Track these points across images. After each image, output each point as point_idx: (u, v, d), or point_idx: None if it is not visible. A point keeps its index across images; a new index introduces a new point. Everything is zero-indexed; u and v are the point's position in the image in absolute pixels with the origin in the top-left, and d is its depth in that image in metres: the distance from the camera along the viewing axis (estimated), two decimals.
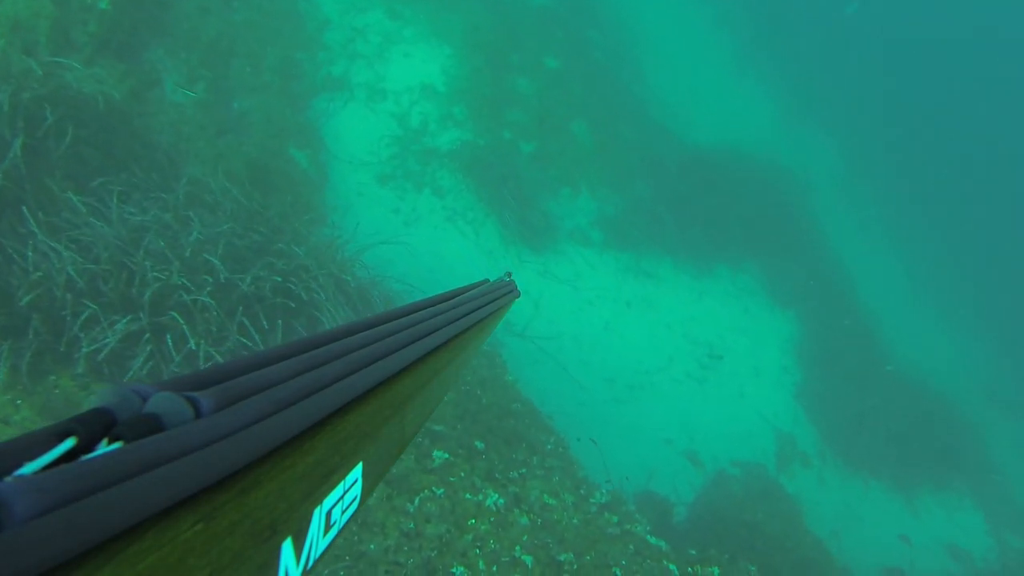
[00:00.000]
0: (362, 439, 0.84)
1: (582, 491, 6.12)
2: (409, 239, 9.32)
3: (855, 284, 14.44)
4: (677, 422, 10.10)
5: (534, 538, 5.13)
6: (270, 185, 8.27)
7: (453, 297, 1.46)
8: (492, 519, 5.14)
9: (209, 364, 3.61)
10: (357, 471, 0.83)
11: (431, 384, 1.12)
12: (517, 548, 4.98)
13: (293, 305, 5.90)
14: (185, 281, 5.21)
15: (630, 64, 15.75)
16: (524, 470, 5.90)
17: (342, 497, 0.79)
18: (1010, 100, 26.61)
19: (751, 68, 20.10)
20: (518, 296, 2.09)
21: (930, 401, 12.54)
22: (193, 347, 5.01)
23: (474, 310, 1.46)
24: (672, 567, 5.65)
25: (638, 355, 10.57)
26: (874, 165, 20.90)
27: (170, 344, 4.98)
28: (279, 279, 5.82)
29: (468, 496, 5.23)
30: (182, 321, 5.02)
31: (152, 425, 0.57)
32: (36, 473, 0.46)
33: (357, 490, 0.84)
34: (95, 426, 0.54)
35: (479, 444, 5.91)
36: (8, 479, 0.44)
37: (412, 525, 4.90)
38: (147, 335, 4.95)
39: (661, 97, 15.65)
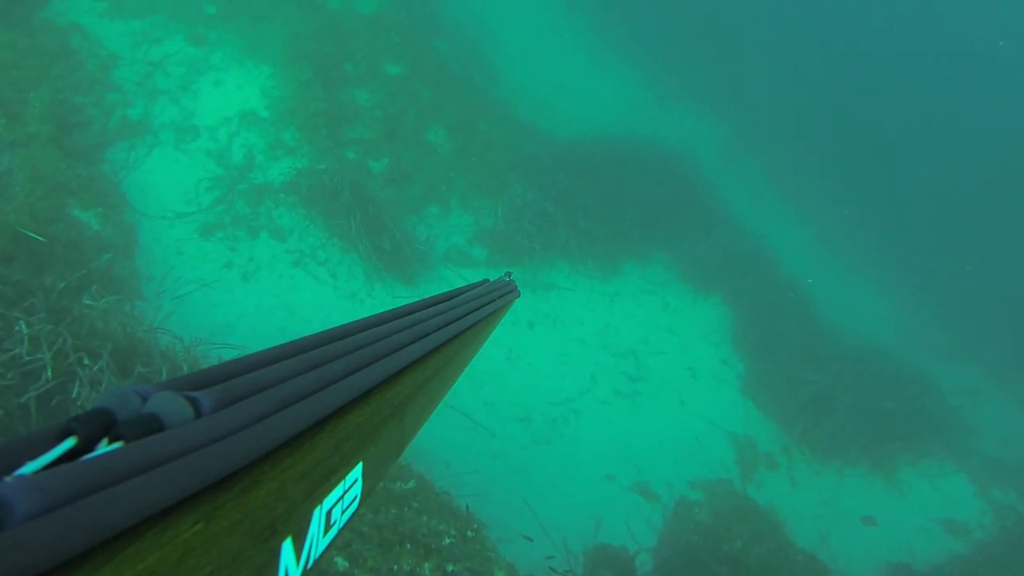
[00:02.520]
0: (362, 439, 0.83)
1: None
2: (244, 293, 7.46)
3: (774, 255, 13.07)
4: (616, 452, 8.51)
5: None
6: (46, 257, 6.30)
7: (453, 297, 1.48)
8: None
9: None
10: (357, 471, 0.82)
11: (431, 384, 1.12)
12: None
13: None
14: None
15: (482, 66, 14.38)
16: None
17: (342, 497, 0.78)
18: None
19: (611, 52, 19.02)
20: (518, 296, 2.07)
21: (881, 364, 11.25)
22: None
23: (474, 310, 1.48)
24: None
25: (553, 382, 8.92)
26: (755, 132, 19.99)
27: None
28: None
29: None
30: None
31: (152, 425, 0.58)
32: (36, 473, 0.46)
33: (357, 490, 0.83)
34: (95, 426, 0.54)
35: (341, 562, 3.97)
36: (8, 479, 0.44)
37: None
38: None
39: (522, 94, 14.34)
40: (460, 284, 8.10)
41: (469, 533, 4.82)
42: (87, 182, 7.69)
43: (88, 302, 5.70)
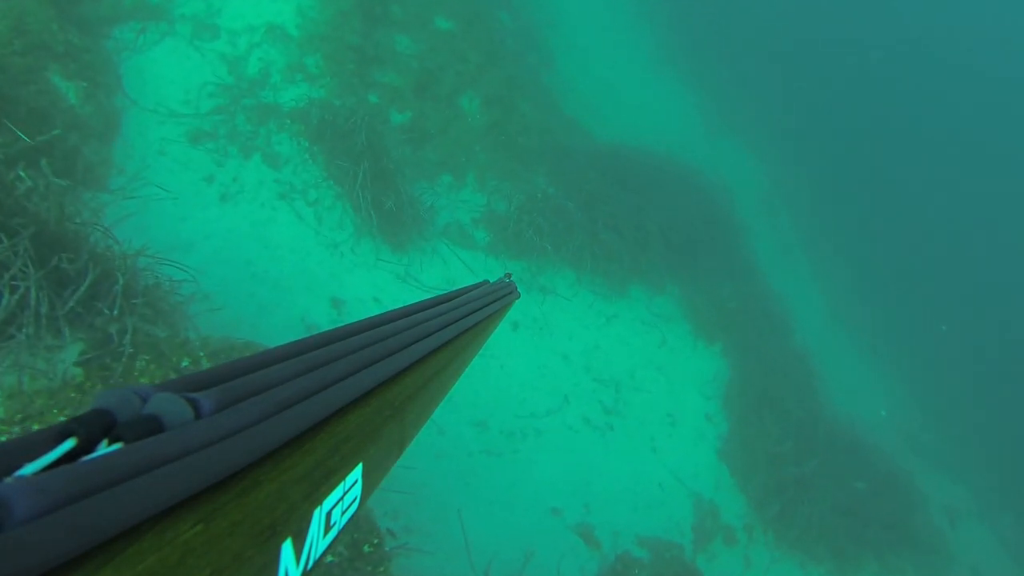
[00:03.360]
0: (362, 440, 0.84)
1: None
2: (217, 213, 6.84)
3: (790, 320, 12.29)
4: (569, 484, 7.82)
5: None
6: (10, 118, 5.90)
7: (453, 298, 1.48)
8: None
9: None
10: (357, 472, 0.82)
11: (431, 385, 1.12)
12: None
13: None
14: None
15: (539, 48, 13.61)
16: None
17: (342, 498, 0.79)
18: (940, 127, 25.73)
19: (670, 67, 18.33)
20: (519, 297, 2.02)
21: (871, 461, 10.52)
22: None
23: (474, 311, 1.47)
24: None
25: (523, 392, 8.20)
26: (799, 189, 19.37)
27: None
28: None
29: None
30: None
31: (152, 426, 0.58)
32: (36, 474, 0.46)
33: (357, 491, 0.84)
34: (95, 427, 0.54)
35: None
36: (8, 479, 0.45)
37: None
38: None
39: (572, 87, 13.60)
40: (454, 262, 7.29)
41: (367, 548, 4.09)
42: (78, 52, 7.00)
43: (21, 173, 4.98)
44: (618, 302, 9.92)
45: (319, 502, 0.71)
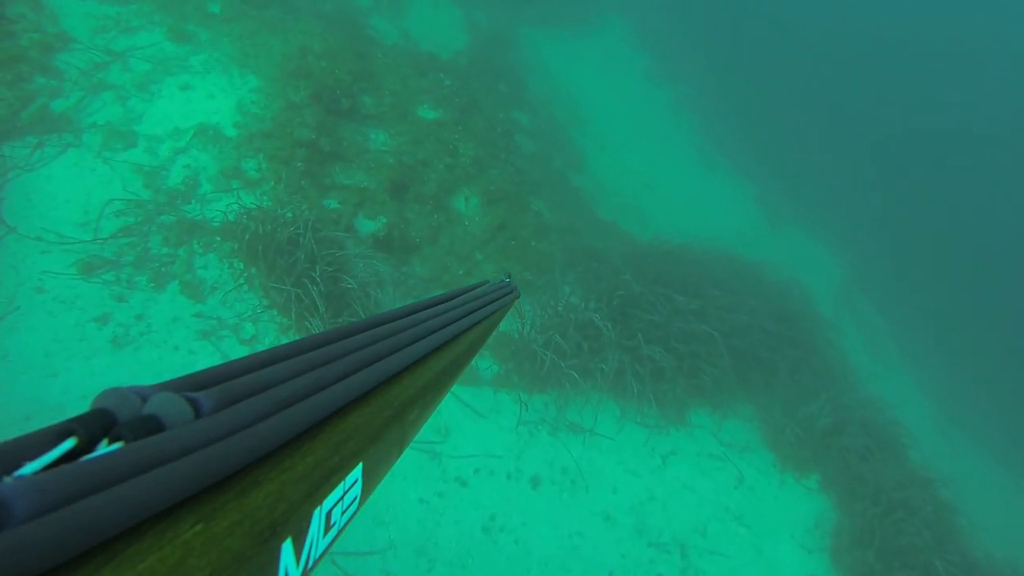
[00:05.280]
0: (362, 440, 0.82)
1: None
2: (106, 363, 5.30)
3: (899, 430, 9.58)
4: None
5: None
6: None
7: (453, 298, 1.45)
8: None
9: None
10: (357, 472, 0.81)
11: (431, 385, 1.09)
12: None
13: None
14: None
15: (566, 148, 12.10)
16: None
17: (342, 498, 0.77)
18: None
19: (721, 158, 16.74)
20: (519, 297, 1.97)
21: None
22: None
23: (474, 311, 1.44)
24: None
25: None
26: (877, 274, 17.13)
27: None
28: None
29: None
30: None
31: (152, 425, 0.57)
32: (36, 473, 0.46)
33: (357, 491, 0.82)
34: (95, 426, 0.54)
35: None
36: (8, 479, 0.44)
37: None
38: None
39: (606, 186, 12.03)
40: (449, 408, 5.08)
41: None
42: None
43: None
44: (675, 434, 7.67)
45: (319, 502, 0.70)
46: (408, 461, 5.94)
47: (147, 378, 5.60)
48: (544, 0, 17.14)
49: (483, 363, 7.21)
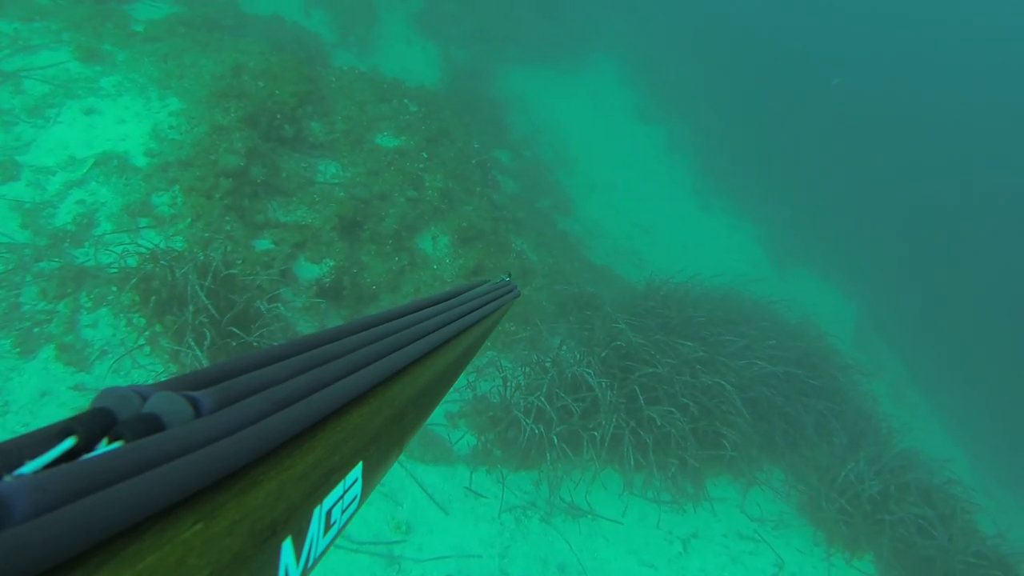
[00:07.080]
0: (362, 439, 0.81)
1: None
2: None
3: (956, 489, 8.10)
4: None
5: None
6: None
7: (452, 297, 1.42)
8: None
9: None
10: (357, 471, 0.80)
11: (431, 384, 1.08)
12: None
13: None
14: None
15: (552, 191, 11.30)
16: None
17: (342, 497, 0.76)
18: None
19: (719, 200, 15.92)
20: (519, 296, 1.93)
21: None
22: None
23: (474, 310, 1.41)
24: None
25: None
26: (895, 322, 15.95)
27: None
28: None
29: None
30: None
31: (152, 424, 0.56)
32: (36, 472, 0.45)
33: (357, 490, 0.81)
34: (95, 425, 0.53)
35: None
36: (8, 478, 0.43)
37: None
38: None
39: (595, 230, 11.15)
40: (412, 496, 3.76)
41: None
42: None
43: None
44: (695, 511, 6.31)
45: (319, 501, 0.69)
46: (356, 570, 4.62)
47: None
48: (528, 38, 16.39)
49: (455, 434, 5.95)
